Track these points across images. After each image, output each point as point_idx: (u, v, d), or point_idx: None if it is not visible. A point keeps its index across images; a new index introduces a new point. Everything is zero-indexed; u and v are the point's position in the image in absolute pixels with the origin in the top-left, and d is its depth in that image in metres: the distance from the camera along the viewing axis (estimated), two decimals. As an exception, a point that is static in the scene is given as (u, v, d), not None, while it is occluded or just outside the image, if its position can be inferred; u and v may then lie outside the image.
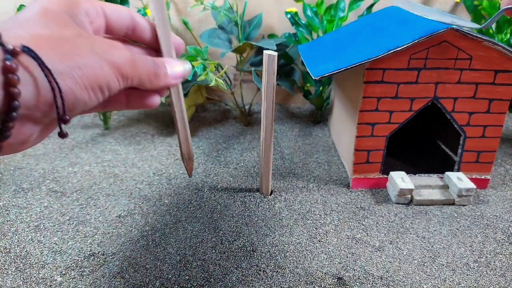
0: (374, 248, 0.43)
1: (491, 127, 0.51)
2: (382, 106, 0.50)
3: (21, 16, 0.28)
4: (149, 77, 0.34)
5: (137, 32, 0.37)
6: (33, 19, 0.28)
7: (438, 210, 0.50)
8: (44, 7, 0.29)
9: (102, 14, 0.34)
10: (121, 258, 0.41)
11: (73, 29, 0.29)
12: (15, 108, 0.24)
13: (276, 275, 0.39)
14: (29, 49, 0.25)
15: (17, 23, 0.27)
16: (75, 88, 0.27)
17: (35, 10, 0.29)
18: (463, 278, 0.39)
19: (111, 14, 0.35)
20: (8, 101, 0.24)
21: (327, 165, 0.60)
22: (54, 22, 0.28)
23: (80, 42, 0.28)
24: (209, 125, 0.74)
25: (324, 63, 0.52)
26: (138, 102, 0.38)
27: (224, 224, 0.46)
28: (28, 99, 0.25)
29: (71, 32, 0.28)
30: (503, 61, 0.48)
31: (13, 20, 0.27)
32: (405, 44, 0.45)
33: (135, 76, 0.32)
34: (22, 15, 0.28)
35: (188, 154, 0.48)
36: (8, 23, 0.27)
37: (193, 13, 0.76)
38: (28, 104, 0.25)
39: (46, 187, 0.53)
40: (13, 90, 0.24)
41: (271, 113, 0.47)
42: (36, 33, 0.26)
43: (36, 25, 0.27)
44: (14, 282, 0.38)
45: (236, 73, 0.80)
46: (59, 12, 0.29)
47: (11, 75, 0.24)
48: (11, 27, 0.26)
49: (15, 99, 0.24)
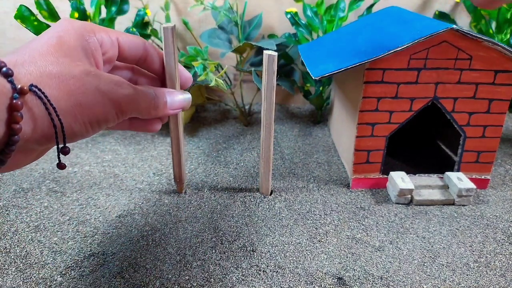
0: (374, 248, 0.43)
1: (491, 127, 0.51)
2: (382, 106, 0.50)
3: (37, 46, 0.29)
4: (149, 110, 0.36)
5: (148, 62, 0.40)
6: (47, 53, 0.29)
7: (438, 210, 0.50)
8: (60, 38, 0.30)
9: (116, 44, 0.36)
10: (121, 258, 0.41)
11: (83, 65, 0.30)
12: (14, 142, 0.26)
13: (276, 275, 0.39)
14: (37, 88, 0.26)
15: (31, 57, 0.28)
16: (74, 125, 0.29)
17: (51, 41, 0.30)
18: (463, 278, 0.40)
19: (125, 45, 0.36)
20: (8, 135, 0.26)
21: (327, 165, 0.60)
22: (67, 56, 0.30)
23: (86, 80, 0.29)
24: (209, 125, 0.74)
25: (324, 63, 0.52)
26: (140, 127, 0.40)
27: (224, 224, 0.46)
28: (28, 133, 0.27)
29: (80, 68, 0.29)
30: (503, 61, 0.48)
31: (29, 51, 0.29)
32: (405, 44, 0.45)
33: (134, 110, 0.34)
34: (38, 45, 0.29)
35: (179, 178, 0.51)
36: (23, 55, 0.28)
37: (193, 13, 0.76)
38: (27, 137, 0.27)
39: (46, 187, 0.53)
40: (15, 126, 0.25)
41: (271, 113, 0.47)
42: (46, 71, 0.28)
43: (48, 60, 0.28)
44: (14, 282, 0.38)
45: (236, 73, 0.80)
46: (74, 45, 0.31)
47: (16, 112, 0.25)
48: (24, 61, 0.28)
49: (15, 134, 0.26)
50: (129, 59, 0.38)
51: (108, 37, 0.35)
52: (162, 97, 0.38)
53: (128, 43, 0.37)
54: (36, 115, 0.27)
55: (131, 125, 0.39)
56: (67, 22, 0.32)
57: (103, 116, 0.31)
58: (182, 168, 0.50)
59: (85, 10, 0.60)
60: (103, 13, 0.63)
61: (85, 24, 0.33)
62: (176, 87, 0.42)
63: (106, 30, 0.35)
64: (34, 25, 0.55)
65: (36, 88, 0.26)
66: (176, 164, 0.50)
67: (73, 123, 0.29)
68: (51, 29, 0.31)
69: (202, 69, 0.58)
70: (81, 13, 0.59)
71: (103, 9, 0.63)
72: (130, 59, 0.38)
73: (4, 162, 0.27)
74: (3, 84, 0.25)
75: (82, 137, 0.30)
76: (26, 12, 0.54)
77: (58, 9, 0.59)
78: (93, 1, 0.62)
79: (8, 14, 0.75)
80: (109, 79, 0.31)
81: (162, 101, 0.38)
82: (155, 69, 0.41)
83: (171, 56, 0.41)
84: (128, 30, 0.67)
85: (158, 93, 0.37)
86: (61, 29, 0.31)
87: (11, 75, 0.26)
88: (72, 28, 0.32)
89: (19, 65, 0.27)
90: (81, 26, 0.32)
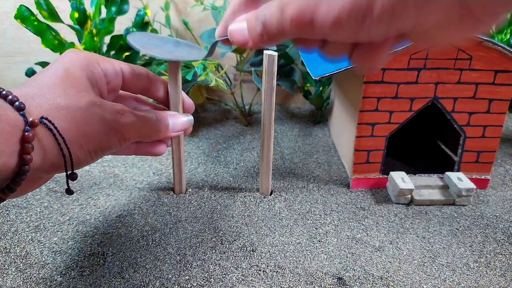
0: (374, 248, 0.43)
1: (491, 127, 0.51)
2: (382, 106, 0.50)
3: (45, 78, 0.31)
4: (150, 133, 0.38)
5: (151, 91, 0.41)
6: (54, 85, 0.30)
7: (438, 210, 0.50)
8: (66, 70, 0.32)
9: (120, 74, 0.37)
10: (121, 258, 0.41)
11: (88, 95, 0.32)
12: (25, 171, 0.27)
13: (276, 275, 0.39)
14: (48, 120, 0.28)
15: (40, 89, 0.30)
16: (80, 153, 0.30)
17: (58, 73, 0.32)
18: (463, 278, 0.40)
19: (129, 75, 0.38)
20: (19, 166, 0.27)
21: (327, 165, 0.60)
22: (73, 87, 0.31)
23: (92, 110, 0.31)
24: (209, 125, 0.74)
25: (324, 63, 0.52)
26: (145, 150, 0.42)
27: (224, 224, 0.46)
28: (38, 163, 0.28)
29: (86, 99, 0.31)
30: (503, 61, 0.48)
31: (38, 83, 0.30)
32: (405, 44, 0.45)
33: (137, 136, 0.36)
34: (46, 77, 0.31)
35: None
36: (33, 88, 0.30)
37: (193, 13, 0.76)
38: (37, 167, 0.28)
39: (46, 187, 0.53)
40: (27, 157, 0.27)
41: (271, 113, 0.47)
42: (55, 103, 0.29)
43: (56, 92, 0.30)
44: (14, 282, 0.38)
45: (236, 73, 0.80)
46: (79, 76, 0.32)
47: (27, 144, 0.27)
48: (34, 94, 0.29)
49: (26, 164, 0.27)
50: (133, 88, 0.40)
51: (113, 67, 0.36)
52: (164, 120, 0.40)
53: (131, 73, 0.38)
54: (45, 145, 0.28)
55: (137, 150, 0.41)
56: (73, 54, 0.34)
57: (106, 144, 0.32)
58: (182, 184, 0.51)
59: (85, 10, 0.60)
60: (103, 13, 0.63)
61: (90, 55, 0.35)
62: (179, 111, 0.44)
63: (110, 61, 0.36)
64: (34, 25, 0.55)
65: (47, 120, 0.28)
66: (177, 182, 0.51)
67: (78, 152, 0.30)
68: (58, 60, 0.33)
69: (202, 69, 0.58)
70: (81, 13, 0.59)
71: (103, 9, 0.63)
72: (135, 89, 0.40)
73: (13, 190, 0.28)
74: (16, 118, 0.27)
75: (86, 164, 0.32)
76: (26, 12, 0.54)
77: (58, 9, 0.59)
78: (93, 1, 0.62)
79: (8, 14, 0.75)
80: (112, 108, 0.33)
81: (164, 124, 0.39)
82: (159, 97, 0.42)
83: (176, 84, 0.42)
84: (128, 30, 0.67)
85: (160, 116, 0.39)
86: (67, 61, 0.33)
87: (23, 109, 0.27)
88: (78, 60, 0.33)
89: (30, 98, 0.29)
90: (86, 57, 0.34)
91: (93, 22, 0.61)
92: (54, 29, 0.57)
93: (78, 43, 0.61)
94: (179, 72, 0.42)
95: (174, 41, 0.43)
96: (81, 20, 0.60)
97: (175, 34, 0.79)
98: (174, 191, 0.52)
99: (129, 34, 0.39)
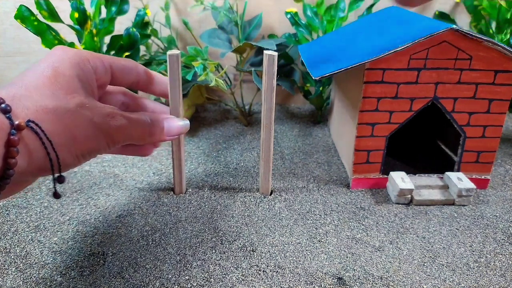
0: (374, 248, 0.43)
1: (491, 127, 0.51)
2: (382, 106, 0.50)
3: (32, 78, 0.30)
4: (143, 137, 0.37)
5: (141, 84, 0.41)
6: (42, 85, 0.29)
7: (438, 210, 0.50)
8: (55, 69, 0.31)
9: (109, 70, 0.37)
10: (121, 258, 0.41)
11: (78, 96, 0.31)
12: (9, 176, 0.26)
13: (276, 275, 0.39)
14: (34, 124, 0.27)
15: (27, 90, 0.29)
16: (67, 157, 0.29)
17: (46, 72, 0.30)
18: (463, 278, 0.40)
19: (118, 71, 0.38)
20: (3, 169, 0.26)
21: (327, 165, 0.60)
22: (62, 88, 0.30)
23: (81, 113, 0.30)
24: (209, 125, 0.74)
25: (324, 63, 0.52)
26: (132, 151, 0.42)
27: (224, 224, 0.46)
28: (23, 167, 0.27)
29: (76, 101, 0.30)
30: (503, 61, 0.48)
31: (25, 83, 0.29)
32: (405, 44, 0.45)
33: (127, 139, 0.35)
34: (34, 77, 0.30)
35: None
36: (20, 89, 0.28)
37: (193, 13, 0.76)
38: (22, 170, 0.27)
39: (46, 187, 0.53)
40: (11, 161, 0.26)
41: (271, 114, 0.47)
42: (42, 106, 0.28)
43: (44, 94, 0.29)
44: (14, 282, 0.38)
45: (236, 73, 0.80)
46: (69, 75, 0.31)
47: (12, 148, 0.26)
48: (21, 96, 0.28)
49: (11, 168, 0.26)
50: (122, 83, 0.39)
51: (102, 64, 0.35)
52: (159, 123, 0.39)
53: (121, 68, 0.38)
54: (31, 149, 0.27)
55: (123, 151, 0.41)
56: (62, 51, 0.33)
57: (95, 147, 0.32)
58: (183, 185, 0.51)
59: (85, 10, 0.60)
60: (103, 13, 0.63)
61: (79, 53, 0.34)
62: (179, 114, 0.43)
63: (100, 57, 0.35)
64: (34, 25, 0.55)
65: (33, 124, 0.27)
66: (177, 183, 0.51)
67: (66, 155, 0.29)
68: (46, 58, 0.32)
69: (202, 69, 0.58)
70: (81, 13, 0.59)
71: (103, 9, 0.63)
72: (124, 83, 0.39)
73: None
74: (2, 120, 0.26)
75: (73, 167, 0.31)
76: (26, 12, 0.54)
77: (58, 9, 0.59)
78: (93, 1, 0.62)
79: (8, 14, 0.75)
80: (102, 111, 0.32)
81: (158, 127, 0.39)
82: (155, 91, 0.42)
83: (176, 83, 0.42)
84: (128, 30, 0.67)
85: (154, 119, 0.38)
86: (56, 59, 0.32)
87: (9, 111, 0.26)
88: (67, 58, 0.32)
89: (17, 100, 0.27)
90: (76, 55, 0.33)
91: (93, 22, 0.61)
92: (54, 29, 0.57)
93: (78, 43, 0.61)
94: (179, 67, 0.42)
95: None
96: (81, 20, 0.60)
97: (175, 34, 0.79)
98: (174, 191, 0.52)
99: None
